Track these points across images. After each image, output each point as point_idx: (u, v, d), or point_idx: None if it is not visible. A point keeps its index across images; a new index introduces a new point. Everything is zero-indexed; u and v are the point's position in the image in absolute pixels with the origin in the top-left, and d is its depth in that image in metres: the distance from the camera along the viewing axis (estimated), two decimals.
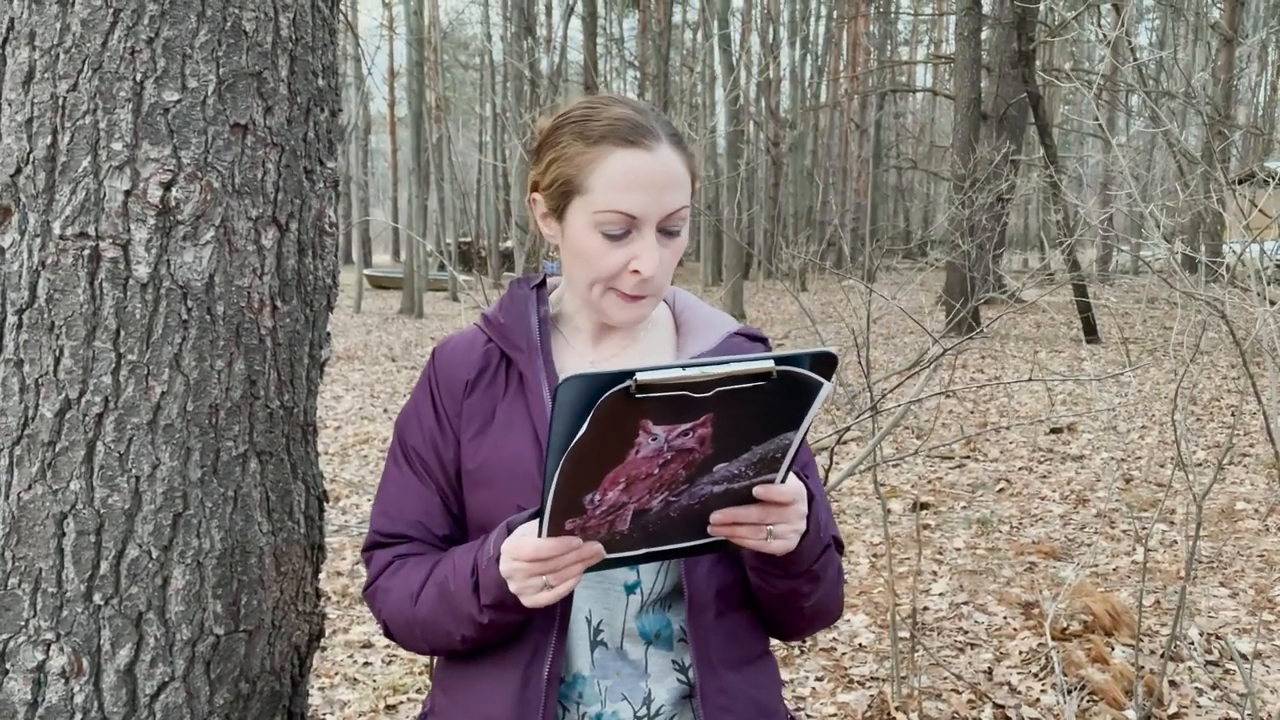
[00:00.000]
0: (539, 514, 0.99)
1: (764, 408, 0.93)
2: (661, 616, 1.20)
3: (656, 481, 0.96)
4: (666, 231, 1.17)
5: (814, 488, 1.27)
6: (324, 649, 3.87)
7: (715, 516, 1.04)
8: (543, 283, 1.30)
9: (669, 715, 1.19)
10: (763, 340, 1.31)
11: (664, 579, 1.20)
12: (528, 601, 1.07)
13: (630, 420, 0.89)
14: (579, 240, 1.17)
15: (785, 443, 0.98)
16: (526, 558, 1.03)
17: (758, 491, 1.03)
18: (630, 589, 1.19)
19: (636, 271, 1.15)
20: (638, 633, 1.19)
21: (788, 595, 1.19)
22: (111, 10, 1.21)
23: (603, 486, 0.95)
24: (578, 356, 1.26)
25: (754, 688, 1.23)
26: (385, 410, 9.52)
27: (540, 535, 1.00)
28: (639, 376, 0.85)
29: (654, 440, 0.91)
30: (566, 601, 1.16)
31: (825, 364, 0.93)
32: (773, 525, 1.05)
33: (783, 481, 1.04)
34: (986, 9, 17.32)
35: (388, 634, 1.26)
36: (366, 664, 3.86)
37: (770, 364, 0.89)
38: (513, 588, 1.07)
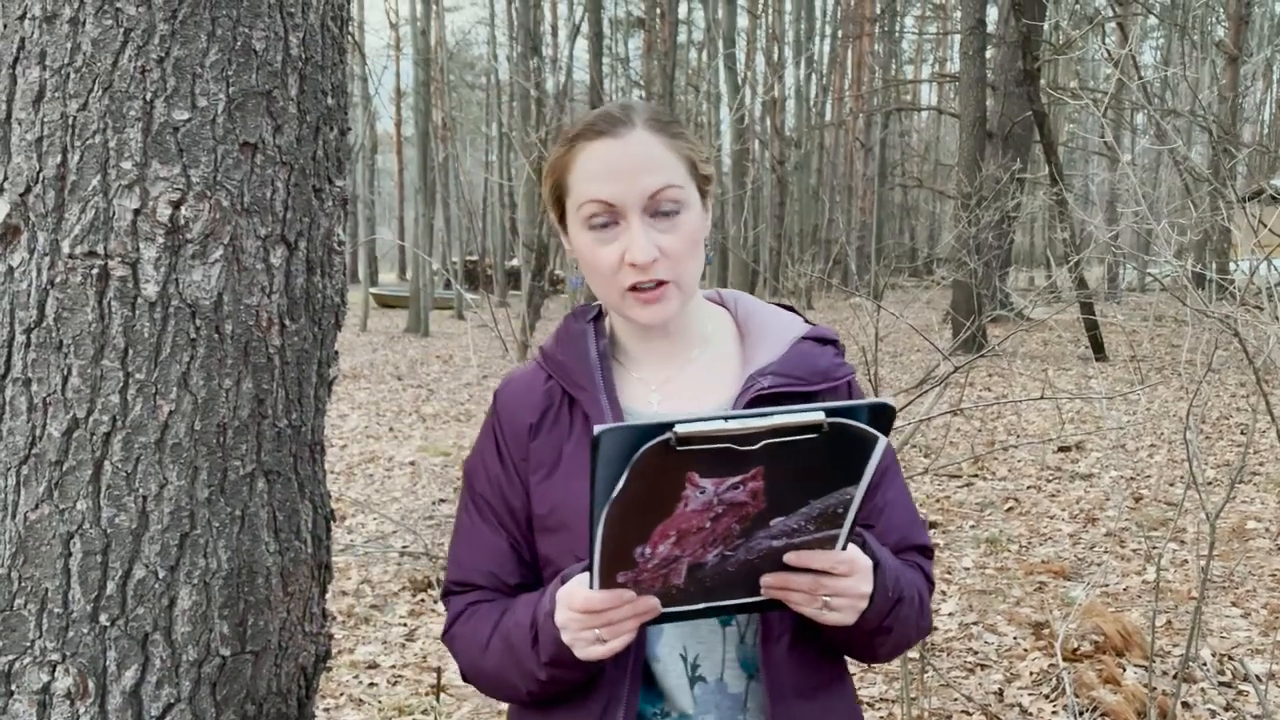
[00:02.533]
0: (589, 566, 0.95)
1: (818, 460, 0.87)
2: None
3: (709, 535, 0.91)
4: (659, 214, 1.12)
5: (894, 504, 1.22)
6: (329, 670, 3.85)
7: (765, 580, 0.99)
8: (599, 314, 1.27)
9: None
10: (833, 342, 1.25)
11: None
12: (580, 654, 1.04)
13: (674, 472, 0.84)
14: (577, 243, 1.16)
15: (847, 497, 0.92)
16: (578, 609, 1.00)
17: (790, 558, 0.97)
18: (725, 622, 1.16)
19: (633, 264, 1.11)
20: (739, 664, 1.16)
21: (861, 645, 1.16)
22: (122, 30, 1.21)
23: (652, 540, 0.91)
24: (640, 384, 1.22)
25: (827, 714, 1.19)
26: (391, 429, 9.51)
27: (591, 587, 0.97)
28: (678, 429, 0.81)
29: (702, 494, 0.87)
30: (638, 652, 1.13)
31: (883, 416, 0.87)
32: (827, 597, 1.01)
33: (844, 546, 0.99)
34: (991, 28, 17.38)
35: (465, 679, 1.25)
36: (372, 685, 3.83)
37: (820, 416, 0.83)
38: (565, 638, 1.04)
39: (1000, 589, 4.76)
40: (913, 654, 3.58)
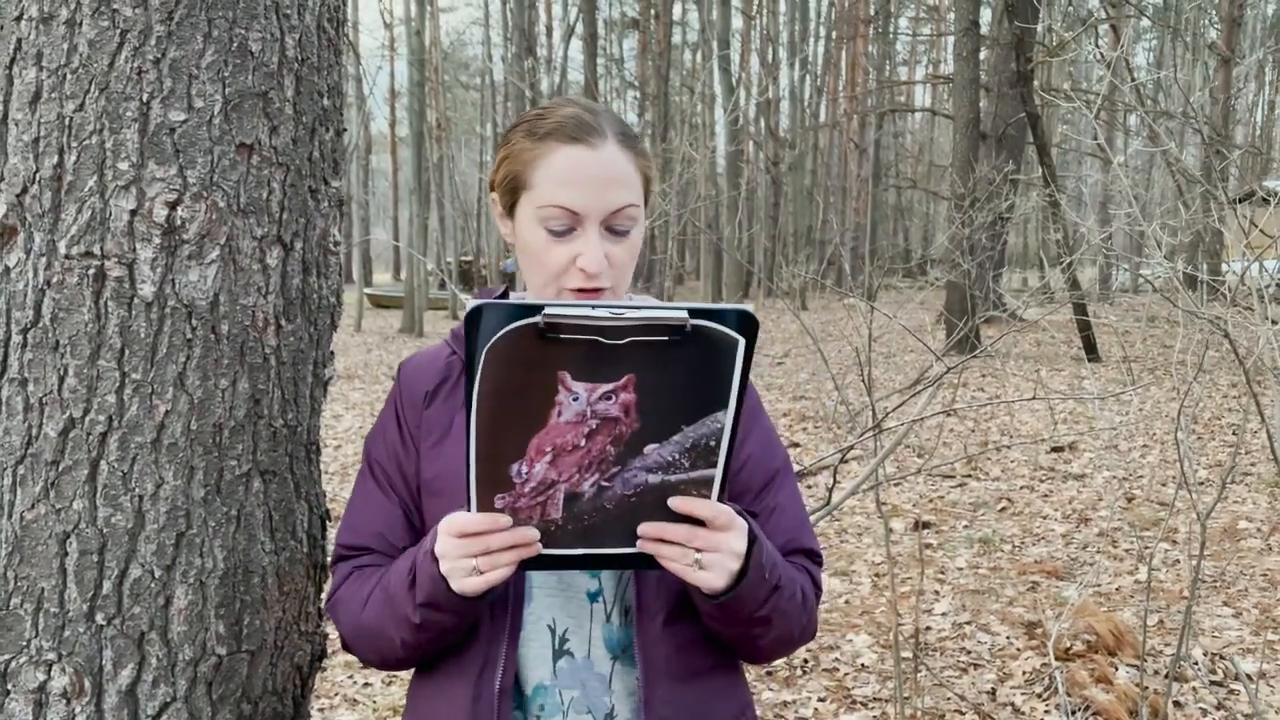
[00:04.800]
0: (466, 486, 0.98)
1: (686, 372, 0.92)
2: (628, 630, 1.18)
3: (585, 456, 0.95)
4: (613, 230, 1.16)
5: (783, 507, 1.25)
6: (324, 669, 3.85)
7: (643, 528, 1.02)
8: (505, 293, 1.31)
9: None
10: None
11: (627, 588, 1.18)
12: (457, 585, 1.05)
13: (545, 368, 0.89)
14: (526, 236, 1.18)
15: (717, 426, 0.96)
16: (455, 532, 1.02)
17: (674, 503, 1.00)
18: (592, 597, 1.18)
19: (583, 270, 1.15)
20: (604, 645, 1.18)
21: (739, 636, 1.17)
22: (119, 31, 1.22)
23: (529, 456, 0.95)
24: None
25: (703, 702, 1.19)
26: None
27: (469, 509, 1.00)
28: (547, 310, 0.86)
29: (575, 400, 0.91)
30: (517, 612, 1.16)
31: (746, 324, 0.91)
32: (700, 553, 1.03)
33: (720, 497, 1.02)
34: (985, 30, 17.41)
35: (345, 646, 1.26)
36: (366, 685, 3.84)
37: (684, 314, 0.89)
38: (444, 568, 1.06)
39: (993, 588, 4.77)
40: (906, 653, 3.59)
